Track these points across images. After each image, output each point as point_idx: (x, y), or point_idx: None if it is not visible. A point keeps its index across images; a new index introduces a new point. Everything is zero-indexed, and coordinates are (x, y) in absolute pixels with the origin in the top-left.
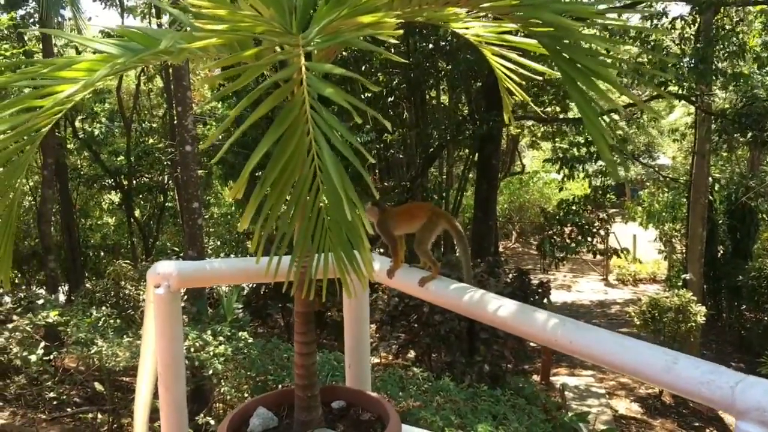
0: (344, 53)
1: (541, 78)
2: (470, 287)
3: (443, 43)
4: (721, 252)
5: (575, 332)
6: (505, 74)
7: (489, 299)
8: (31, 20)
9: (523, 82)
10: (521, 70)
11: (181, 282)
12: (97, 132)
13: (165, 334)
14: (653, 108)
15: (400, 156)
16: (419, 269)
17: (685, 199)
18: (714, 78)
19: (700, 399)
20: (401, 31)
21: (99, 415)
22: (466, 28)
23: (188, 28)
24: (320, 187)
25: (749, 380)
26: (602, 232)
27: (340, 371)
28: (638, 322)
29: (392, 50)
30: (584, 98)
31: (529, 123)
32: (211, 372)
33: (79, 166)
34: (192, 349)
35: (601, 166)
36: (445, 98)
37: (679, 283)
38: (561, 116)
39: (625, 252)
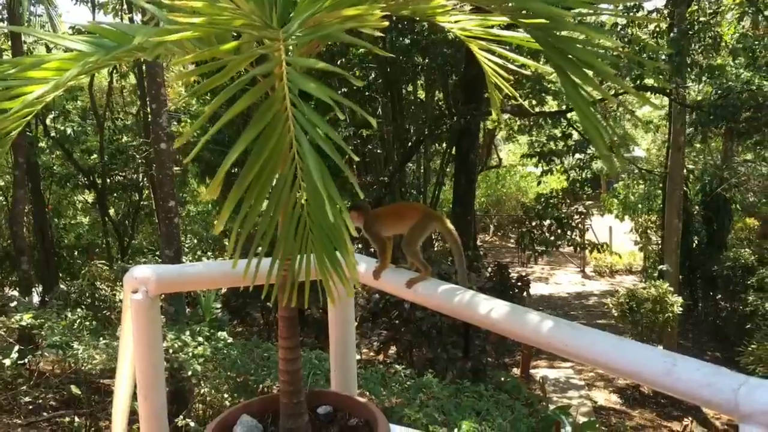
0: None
1: (529, 72)
2: (459, 288)
3: (420, 38)
4: (696, 242)
5: (570, 334)
6: (493, 69)
7: (480, 300)
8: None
9: (511, 78)
10: (509, 65)
11: (159, 287)
12: (69, 130)
13: (143, 342)
14: (647, 97)
15: (378, 151)
16: (407, 270)
17: (660, 191)
18: (689, 70)
19: (701, 402)
20: (386, 23)
21: (76, 419)
22: (453, 22)
23: (162, 24)
24: (301, 186)
25: (752, 382)
26: (581, 226)
27: (321, 370)
28: (616, 314)
29: (375, 44)
30: (577, 91)
31: (506, 116)
32: (190, 373)
33: (52, 165)
34: (171, 351)
35: (578, 159)
36: (421, 93)
37: (655, 274)
38: (537, 110)
39: (604, 246)
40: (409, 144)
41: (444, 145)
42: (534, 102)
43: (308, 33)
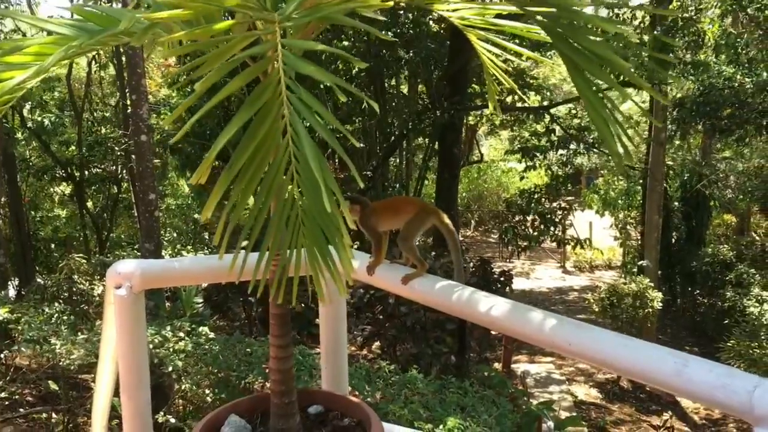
0: None
1: (528, 63)
2: (457, 285)
3: (404, 31)
4: (675, 238)
5: (575, 333)
6: (492, 61)
7: (479, 298)
8: None
9: (510, 69)
10: (507, 56)
11: (144, 282)
12: (46, 122)
13: (127, 339)
14: (628, 94)
15: (361, 145)
16: (402, 266)
17: (639, 187)
18: (674, 66)
19: (713, 404)
20: (390, 3)
21: (54, 415)
22: (452, 11)
23: (149, 5)
24: (295, 175)
25: (767, 384)
26: (564, 221)
27: (305, 367)
28: (597, 309)
29: (353, 39)
30: (588, 84)
31: (488, 111)
32: (171, 369)
33: (29, 157)
34: (151, 346)
35: (561, 155)
36: (405, 87)
37: (634, 270)
38: (519, 105)
39: (586, 242)
40: (392, 138)
41: (427, 139)
42: (515, 97)
43: (305, 15)
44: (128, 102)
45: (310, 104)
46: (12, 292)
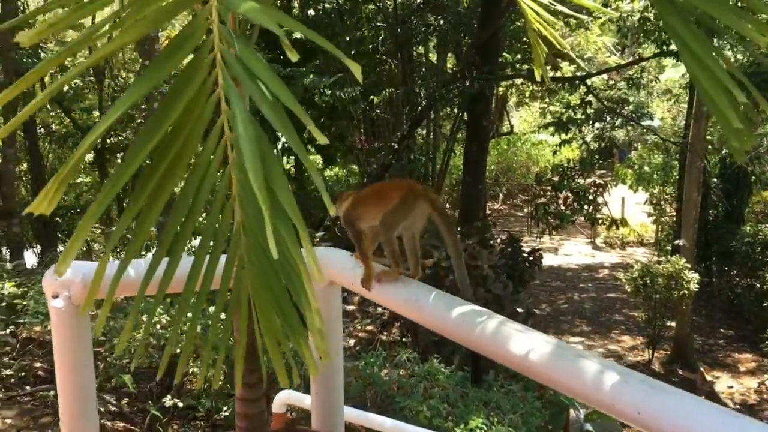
0: (327, 5)
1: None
2: (481, 311)
3: None
4: (713, 216)
5: (648, 397)
6: (537, 18)
7: (511, 332)
8: None
9: (556, 26)
10: (553, 20)
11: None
12: (67, 87)
13: (67, 363)
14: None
15: (386, 116)
16: (380, 265)
17: (676, 162)
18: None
19: None
20: None
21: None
22: None
23: None
24: (235, 188)
25: None
26: (599, 199)
27: None
28: (629, 289)
29: (379, 4)
30: (691, 52)
31: (519, 81)
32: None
33: (50, 124)
34: (158, 327)
35: (598, 129)
36: (433, 56)
37: (668, 247)
38: (551, 75)
39: (623, 222)
40: (419, 108)
41: (455, 110)
42: (548, 67)
43: None
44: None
45: (253, 67)
46: (34, 260)
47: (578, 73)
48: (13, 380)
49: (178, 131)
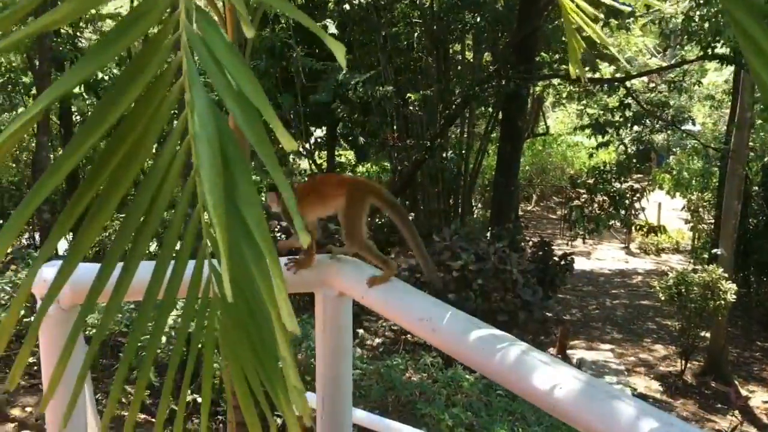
0: (362, 1)
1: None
2: (502, 336)
3: None
4: (752, 225)
5: None
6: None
7: (535, 363)
8: None
9: (596, 24)
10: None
11: (76, 296)
12: (101, 75)
13: (56, 374)
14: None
15: (420, 113)
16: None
17: (716, 168)
18: None
19: None
20: None
21: None
22: None
23: None
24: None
25: None
26: (636, 205)
27: None
28: (663, 297)
29: (416, 0)
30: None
31: (556, 82)
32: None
33: (86, 112)
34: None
35: (636, 132)
36: (469, 54)
37: (704, 255)
38: (589, 76)
39: (662, 229)
40: (453, 106)
41: (490, 109)
42: (587, 68)
43: None
44: None
45: (218, 52)
46: (65, 246)
47: (618, 75)
48: (35, 368)
49: (131, 125)
